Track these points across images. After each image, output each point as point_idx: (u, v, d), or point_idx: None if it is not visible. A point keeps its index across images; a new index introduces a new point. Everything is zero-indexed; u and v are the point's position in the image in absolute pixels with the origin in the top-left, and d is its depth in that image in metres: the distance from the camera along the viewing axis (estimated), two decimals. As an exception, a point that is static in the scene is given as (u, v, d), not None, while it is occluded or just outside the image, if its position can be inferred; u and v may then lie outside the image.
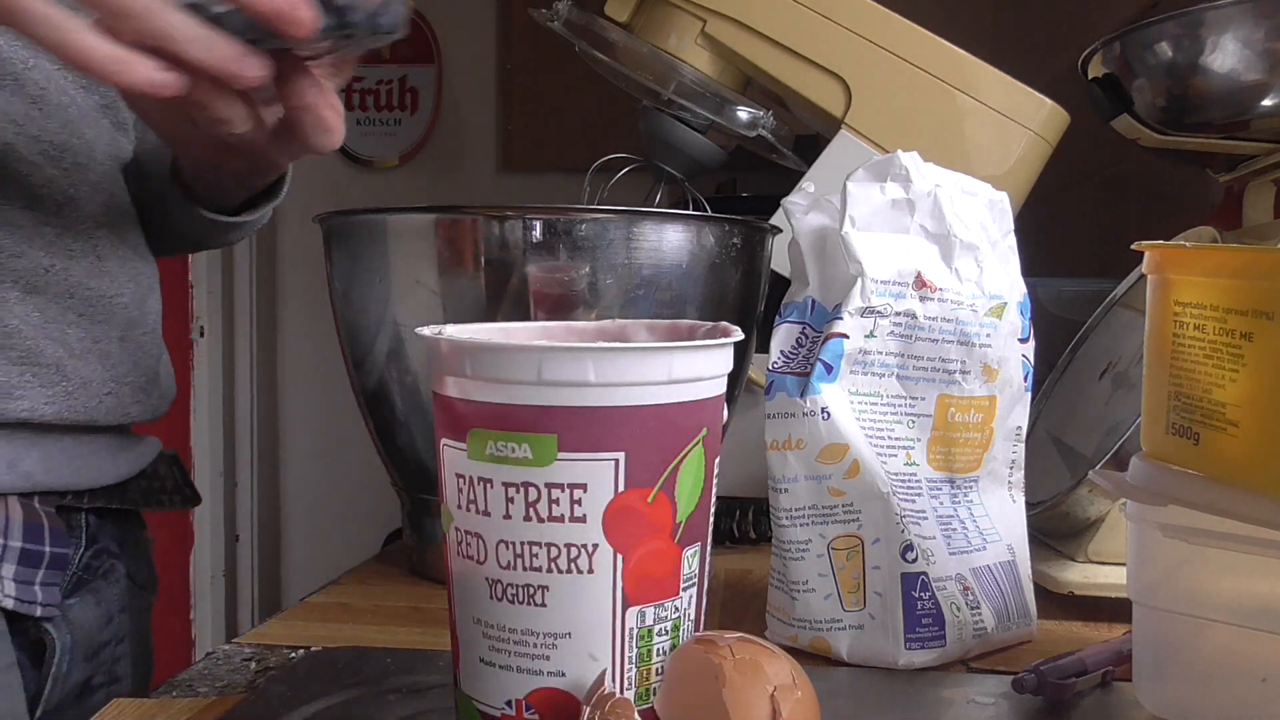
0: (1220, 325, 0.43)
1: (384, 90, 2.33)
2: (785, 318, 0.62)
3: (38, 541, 0.63)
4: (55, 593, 0.64)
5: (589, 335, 0.49)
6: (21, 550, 0.62)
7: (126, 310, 0.68)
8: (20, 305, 0.61)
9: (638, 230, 0.68)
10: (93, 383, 0.65)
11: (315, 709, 0.50)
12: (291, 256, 2.42)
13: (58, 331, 0.63)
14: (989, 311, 0.61)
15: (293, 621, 0.67)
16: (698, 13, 0.88)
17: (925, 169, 0.61)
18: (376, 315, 0.72)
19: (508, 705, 0.42)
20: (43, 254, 0.62)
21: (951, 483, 0.61)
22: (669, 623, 0.43)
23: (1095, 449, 0.70)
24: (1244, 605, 0.47)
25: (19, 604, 0.62)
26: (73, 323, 0.64)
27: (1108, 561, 0.68)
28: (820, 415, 0.58)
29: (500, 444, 0.41)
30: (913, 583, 0.58)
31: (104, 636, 0.70)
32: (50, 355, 0.62)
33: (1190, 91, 0.75)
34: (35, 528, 0.63)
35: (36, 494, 0.64)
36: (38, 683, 0.64)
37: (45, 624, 0.64)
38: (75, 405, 0.64)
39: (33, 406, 0.62)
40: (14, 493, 0.63)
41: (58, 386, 0.63)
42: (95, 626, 0.69)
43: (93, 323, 0.65)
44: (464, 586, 0.43)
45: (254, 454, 2.40)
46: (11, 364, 0.61)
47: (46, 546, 0.64)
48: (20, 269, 0.61)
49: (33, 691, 0.64)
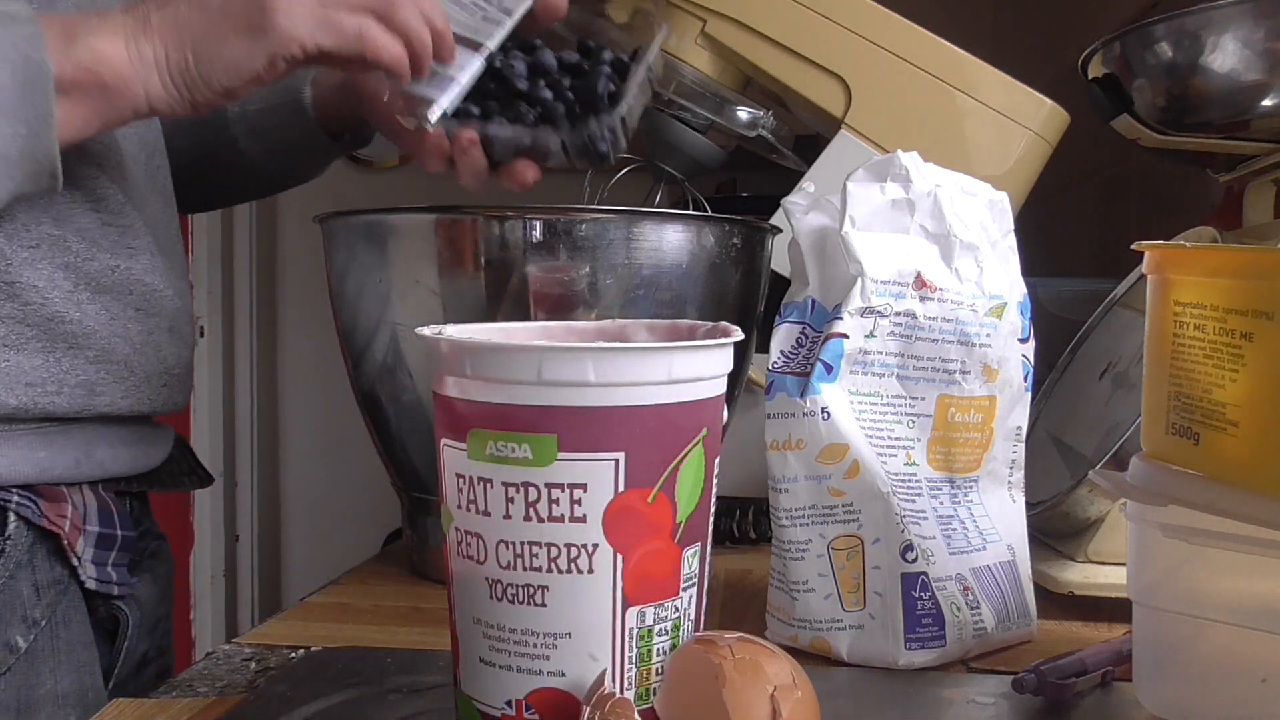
0: (1220, 325, 0.43)
1: (384, 90, 2.33)
2: (785, 318, 0.62)
3: (109, 526, 0.67)
4: (125, 573, 0.69)
5: (589, 335, 0.49)
6: (99, 535, 0.66)
7: (174, 301, 0.71)
8: (91, 305, 0.64)
9: (638, 230, 0.68)
10: (153, 376, 0.69)
11: (315, 709, 0.50)
12: (292, 256, 2.42)
13: (122, 328, 0.66)
14: (989, 311, 0.61)
15: (293, 621, 0.67)
16: (698, 13, 0.88)
17: (925, 169, 0.61)
18: (376, 315, 0.72)
19: (508, 705, 0.42)
20: (109, 255, 0.65)
21: (951, 483, 0.61)
22: (669, 623, 0.43)
23: (1095, 449, 0.70)
24: (1244, 605, 0.47)
25: (100, 584, 0.66)
26: (132, 318, 0.67)
27: (1108, 561, 0.68)
28: (820, 415, 0.58)
29: (500, 444, 0.40)
30: (913, 583, 0.58)
31: (161, 611, 0.74)
32: (120, 352, 0.66)
33: (1190, 91, 0.75)
34: (106, 513, 0.67)
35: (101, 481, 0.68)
36: (109, 657, 0.69)
37: (118, 602, 0.68)
38: (141, 398, 0.68)
39: (111, 401, 0.66)
40: (89, 481, 0.67)
41: (128, 382, 0.67)
42: (155, 602, 0.73)
43: (148, 316, 0.68)
44: (464, 586, 0.43)
45: (254, 454, 2.39)
46: (90, 363, 0.64)
47: (118, 530, 0.68)
48: (92, 271, 0.64)
49: (105, 666, 0.68)
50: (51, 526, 0.63)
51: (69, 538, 0.64)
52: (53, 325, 0.63)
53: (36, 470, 0.63)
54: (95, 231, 0.65)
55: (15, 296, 0.61)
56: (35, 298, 0.62)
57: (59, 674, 0.63)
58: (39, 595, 0.63)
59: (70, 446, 0.65)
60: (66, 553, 0.64)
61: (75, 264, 0.64)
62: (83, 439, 0.66)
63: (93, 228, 0.65)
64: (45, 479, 0.64)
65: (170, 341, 0.70)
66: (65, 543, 0.64)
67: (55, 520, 0.63)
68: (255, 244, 2.36)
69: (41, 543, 0.63)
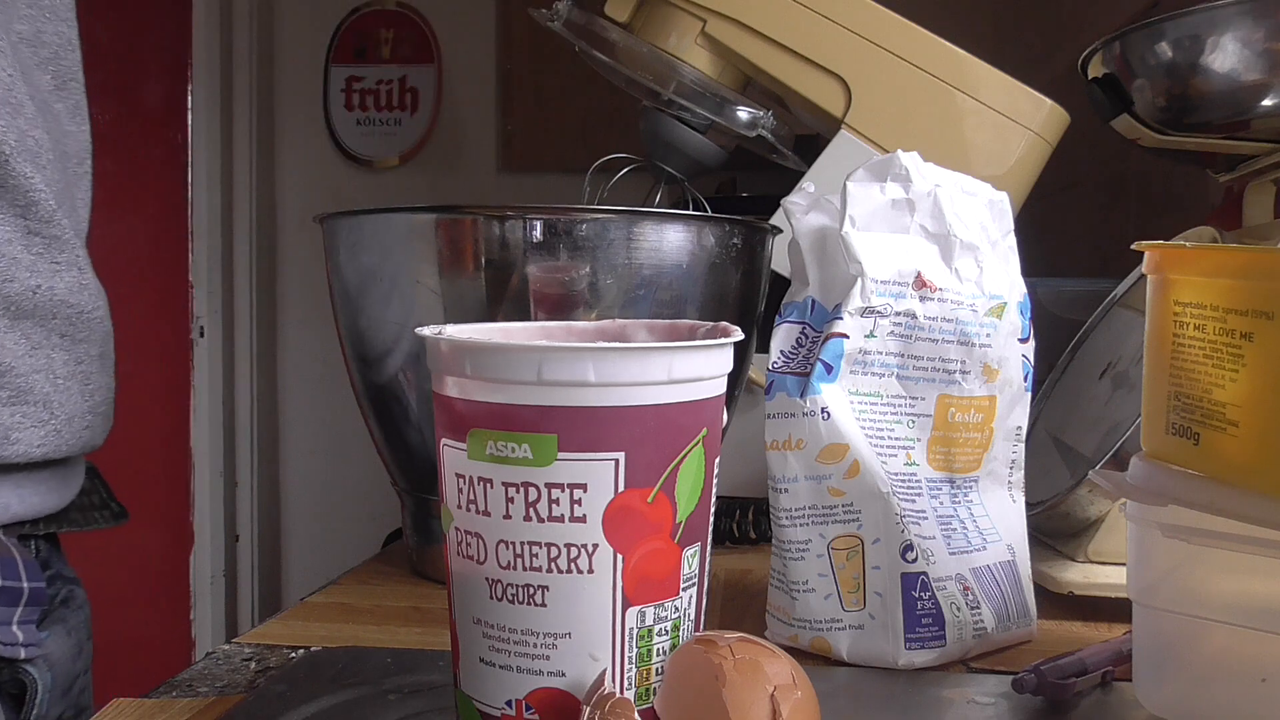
0: (1220, 325, 0.43)
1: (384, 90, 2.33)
2: (785, 318, 0.62)
3: (13, 578, 0.57)
4: (33, 630, 0.59)
5: (589, 335, 0.49)
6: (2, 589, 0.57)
7: (102, 324, 0.64)
8: (8, 335, 0.56)
9: (638, 230, 0.68)
10: (75, 416, 0.61)
11: (315, 709, 0.50)
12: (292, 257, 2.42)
13: (44, 360, 0.58)
14: (989, 311, 0.61)
15: (293, 621, 0.67)
16: (697, 12, 0.88)
17: (925, 169, 0.61)
18: (376, 315, 0.72)
19: (508, 705, 0.42)
20: (29, 274, 0.57)
21: (951, 483, 0.61)
22: (669, 623, 0.43)
23: (1095, 449, 0.70)
24: (1244, 605, 0.46)
25: (4, 648, 0.56)
26: (56, 346, 0.59)
27: (1108, 561, 0.68)
28: (820, 415, 0.58)
29: (500, 444, 0.40)
30: (913, 583, 0.58)
31: (77, 668, 0.64)
32: (39, 391, 0.58)
33: (1190, 91, 0.75)
34: (9, 562, 0.57)
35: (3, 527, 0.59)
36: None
37: (26, 665, 0.58)
38: (61, 442, 0.60)
39: (26, 450, 0.58)
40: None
41: (47, 425, 0.59)
42: (69, 658, 0.63)
43: (75, 344, 0.61)
44: (464, 586, 0.43)
45: (254, 454, 2.39)
46: (3, 404, 0.56)
47: (24, 582, 0.58)
48: (11, 294, 0.56)
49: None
50: None
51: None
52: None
53: None
54: (18, 244, 0.56)
55: None
56: None
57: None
58: None
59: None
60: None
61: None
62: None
63: (15, 239, 0.56)
64: None
65: (99, 371, 0.63)
66: None
67: None
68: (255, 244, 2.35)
69: None
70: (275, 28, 2.24)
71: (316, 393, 2.41)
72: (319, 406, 2.42)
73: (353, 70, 2.25)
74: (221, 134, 2.15)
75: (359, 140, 2.30)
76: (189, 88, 2.12)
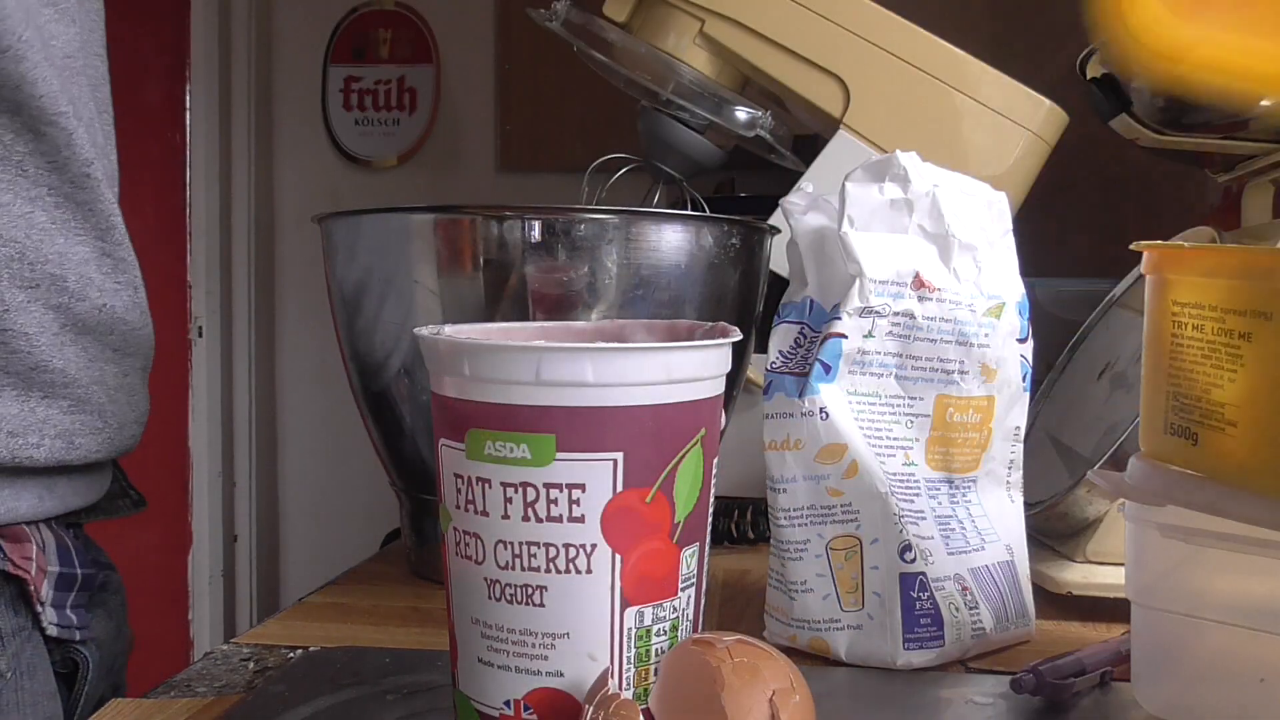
0: (1219, 325, 0.43)
1: (382, 90, 2.32)
2: (783, 318, 0.62)
3: (69, 564, 0.63)
4: (84, 614, 0.64)
5: (587, 335, 0.49)
6: (59, 575, 0.61)
7: (148, 340, 0.67)
8: (71, 348, 0.60)
9: (636, 230, 0.68)
10: (125, 425, 0.65)
11: (313, 709, 0.50)
12: (290, 257, 2.42)
13: (99, 371, 0.62)
14: (987, 311, 0.61)
15: (291, 622, 0.67)
16: (696, 13, 0.88)
17: (924, 169, 0.61)
18: (375, 315, 0.72)
19: (506, 705, 0.42)
20: (99, 293, 0.61)
21: (950, 483, 0.61)
22: (667, 623, 0.43)
23: (1093, 449, 0.70)
24: (1242, 605, 0.47)
25: (61, 630, 0.61)
26: (110, 359, 0.63)
27: (1106, 561, 0.68)
28: (819, 415, 0.58)
29: (498, 444, 0.40)
30: (911, 583, 0.58)
31: (117, 648, 0.69)
32: (95, 400, 0.62)
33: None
34: (64, 550, 0.63)
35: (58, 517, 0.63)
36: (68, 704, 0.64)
37: (78, 646, 0.63)
38: (113, 448, 0.65)
39: (85, 455, 0.62)
40: (49, 517, 0.62)
41: (103, 434, 0.63)
42: (111, 639, 0.68)
43: (125, 357, 0.64)
44: (462, 586, 0.43)
45: (252, 454, 2.39)
46: (65, 413, 0.60)
47: (77, 568, 0.63)
48: (80, 312, 0.60)
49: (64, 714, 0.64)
50: (17, 571, 0.58)
51: (34, 582, 0.59)
52: (33, 374, 0.58)
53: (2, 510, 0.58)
54: (93, 265, 0.60)
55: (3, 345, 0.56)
56: (24, 345, 0.57)
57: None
58: (4, 646, 0.57)
59: (34, 484, 0.60)
60: (31, 598, 0.59)
61: (67, 304, 0.59)
62: (45, 476, 0.61)
63: (92, 259, 0.60)
64: (9, 519, 0.58)
65: (141, 384, 0.66)
66: (30, 588, 0.59)
67: (20, 563, 0.58)
68: (253, 244, 2.35)
69: (3, 588, 0.58)
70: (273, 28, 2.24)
71: (315, 393, 2.41)
72: (317, 406, 2.42)
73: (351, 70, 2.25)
74: (220, 134, 2.15)
75: (357, 140, 2.30)
76: (187, 87, 2.11)
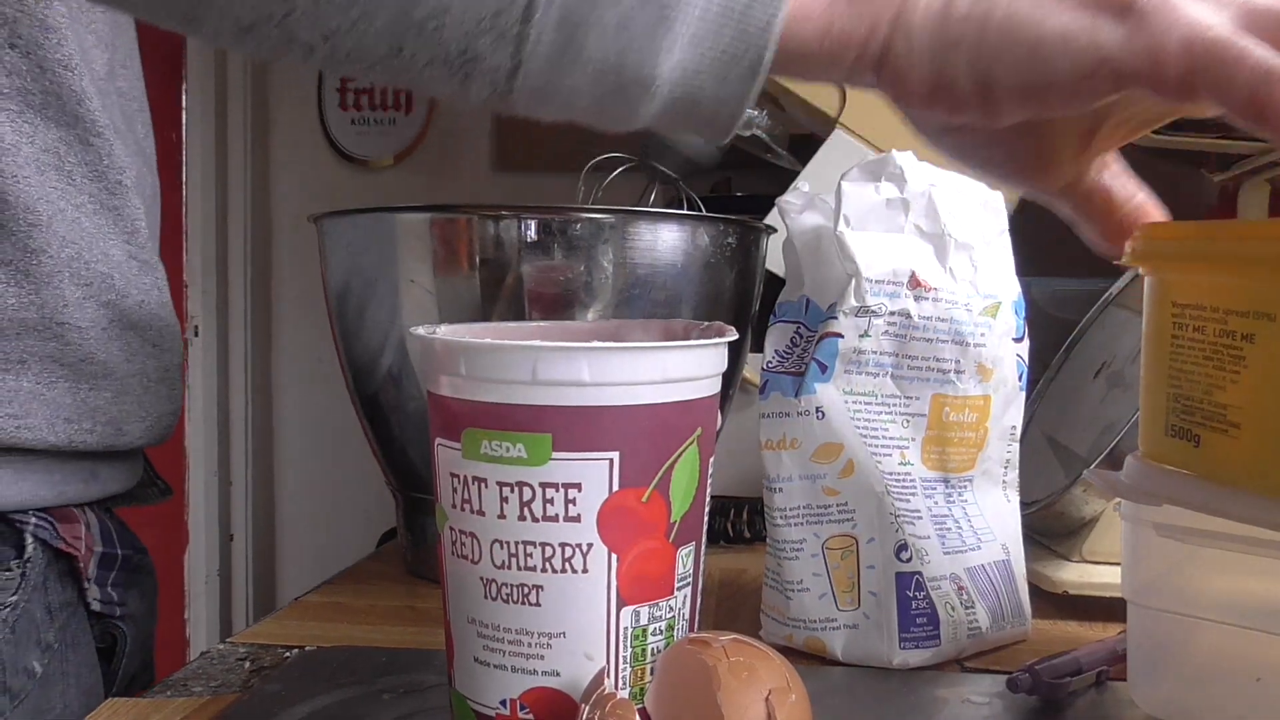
0: (1220, 327, 0.43)
1: (378, 89, 2.32)
2: (780, 317, 0.62)
3: (110, 545, 0.66)
4: (123, 592, 0.67)
5: (584, 335, 0.49)
6: (102, 554, 0.65)
7: (178, 338, 0.70)
8: (115, 342, 0.63)
9: (633, 230, 0.68)
10: (164, 415, 0.68)
11: (310, 709, 0.50)
12: (286, 256, 2.41)
13: (139, 366, 0.65)
14: (983, 311, 0.61)
15: (287, 621, 0.67)
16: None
17: (920, 168, 0.61)
18: (371, 315, 0.72)
19: (502, 705, 0.42)
20: (137, 290, 0.65)
21: (946, 482, 0.61)
22: (663, 622, 0.43)
23: (1090, 448, 0.70)
24: (1238, 605, 0.47)
25: (103, 605, 0.65)
26: (149, 355, 0.66)
27: (1102, 561, 0.69)
28: (815, 415, 0.58)
29: (495, 443, 0.40)
30: (907, 582, 0.58)
31: (149, 627, 0.73)
32: (135, 391, 0.65)
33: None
34: (106, 531, 0.66)
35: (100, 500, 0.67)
36: (106, 676, 0.67)
37: (117, 622, 0.67)
38: (154, 436, 0.68)
39: (131, 442, 0.66)
40: (94, 500, 0.66)
41: (145, 422, 0.66)
42: (145, 618, 0.72)
43: (162, 352, 0.67)
44: (458, 586, 0.43)
45: (248, 453, 2.39)
46: (110, 402, 0.63)
47: (117, 549, 0.67)
48: (125, 308, 0.64)
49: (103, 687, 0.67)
50: (68, 548, 0.62)
51: (83, 559, 0.63)
52: (82, 365, 0.61)
53: (54, 494, 0.62)
54: (127, 266, 0.64)
55: (59, 337, 0.60)
56: (76, 338, 0.61)
57: (68, 698, 0.62)
58: (52, 619, 0.61)
59: (82, 469, 0.64)
60: (78, 574, 0.63)
61: (114, 301, 0.62)
62: (92, 461, 0.65)
63: (123, 261, 0.64)
64: (61, 501, 0.63)
65: (176, 377, 0.70)
66: (79, 564, 0.63)
67: (71, 542, 0.62)
68: (249, 243, 2.35)
69: (54, 564, 0.62)
70: (270, 27, 2.23)
71: (311, 392, 2.41)
72: (313, 406, 2.41)
73: (347, 69, 2.24)
74: (216, 133, 2.15)
75: (354, 139, 2.29)
76: (183, 86, 2.11)
